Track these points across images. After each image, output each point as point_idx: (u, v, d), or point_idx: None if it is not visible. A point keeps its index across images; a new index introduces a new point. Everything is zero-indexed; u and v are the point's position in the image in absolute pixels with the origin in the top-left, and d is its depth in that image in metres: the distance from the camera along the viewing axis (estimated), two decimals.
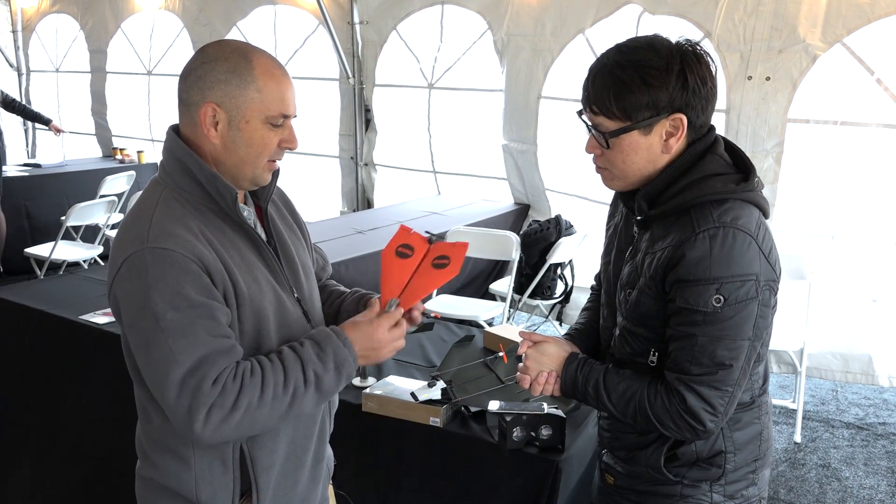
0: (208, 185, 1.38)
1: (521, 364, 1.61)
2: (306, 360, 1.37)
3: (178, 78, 1.41)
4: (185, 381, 1.27)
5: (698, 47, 1.41)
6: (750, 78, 4.03)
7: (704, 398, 1.39)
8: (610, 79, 1.39)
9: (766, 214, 1.45)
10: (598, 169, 1.51)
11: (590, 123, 1.45)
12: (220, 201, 1.39)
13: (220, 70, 1.35)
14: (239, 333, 1.38)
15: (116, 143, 8.01)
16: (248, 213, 1.50)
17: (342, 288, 1.77)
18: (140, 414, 1.51)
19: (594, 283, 1.83)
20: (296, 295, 1.52)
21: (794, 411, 3.87)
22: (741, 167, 1.47)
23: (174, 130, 1.44)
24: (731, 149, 1.50)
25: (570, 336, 1.73)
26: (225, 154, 1.39)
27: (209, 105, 1.35)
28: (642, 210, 1.47)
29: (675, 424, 1.42)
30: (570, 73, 4.99)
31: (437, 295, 4.43)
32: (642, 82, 1.36)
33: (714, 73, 1.42)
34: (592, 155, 1.50)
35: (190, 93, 1.38)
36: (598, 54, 1.45)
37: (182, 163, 1.39)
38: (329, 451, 1.69)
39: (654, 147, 1.42)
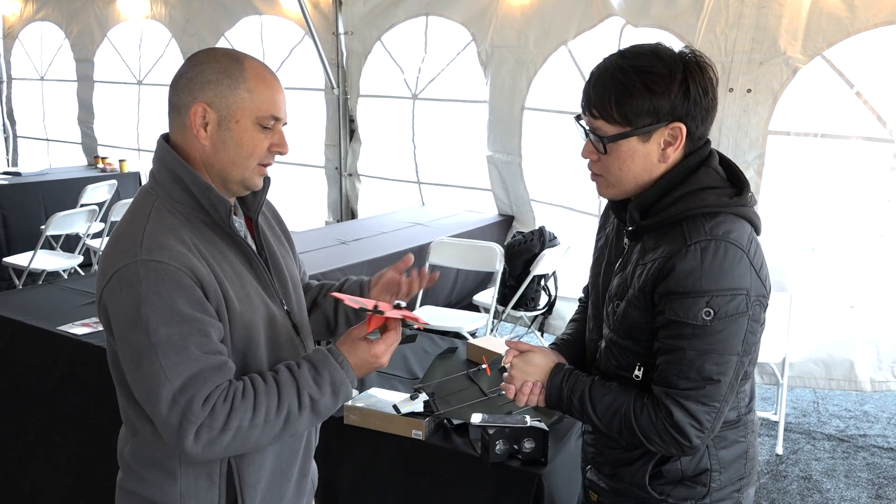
0: (201, 197, 1.37)
1: (506, 374, 1.59)
2: (302, 384, 1.36)
3: (167, 88, 1.40)
4: (175, 399, 1.26)
5: (701, 58, 1.40)
6: (731, 90, 4.06)
7: (691, 413, 1.38)
8: (612, 83, 1.38)
9: (757, 230, 1.44)
10: (594, 176, 1.50)
11: (588, 128, 1.44)
12: (212, 213, 1.38)
13: (211, 71, 1.35)
14: (229, 348, 1.37)
15: (102, 152, 7.96)
16: (239, 224, 1.48)
17: (332, 281, 1.77)
18: (126, 426, 1.49)
19: (582, 295, 1.81)
20: (285, 307, 1.52)
21: (776, 423, 3.88)
22: (735, 181, 1.46)
23: (164, 139, 1.42)
24: (726, 163, 1.49)
25: (556, 346, 1.71)
26: (214, 155, 1.37)
27: (199, 104, 1.34)
28: (634, 220, 1.46)
29: (661, 439, 1.41)
30: (552, 84, 5.02)
31: (420, 306, 4.42)
32: (645, 88, 1.35)
33: (715, 85, 1.41)
34: (588, 161, 1.48)
35: (180, 96, 1.37)
36: (580, 66, 1.44)
37: (174, 173, 1.38)
38: (314, 465, 1.68)
39: (651, 155, 1.41)
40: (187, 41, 7.01)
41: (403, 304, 1.52)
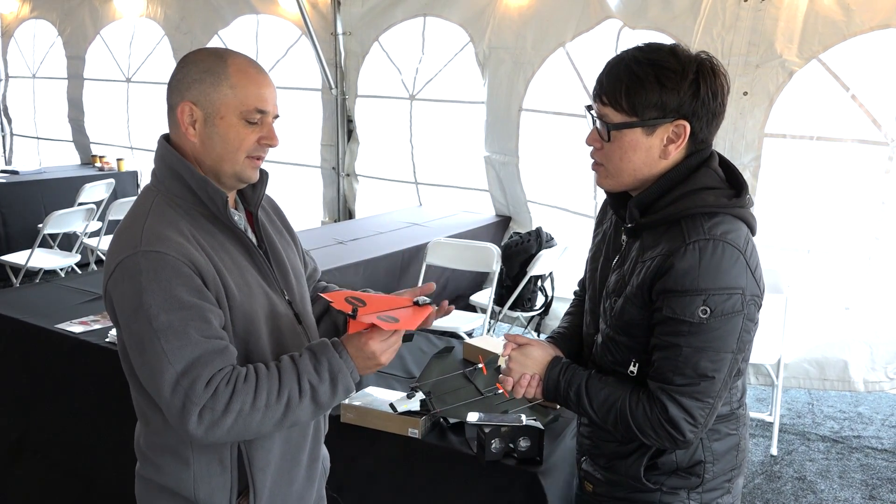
0: (199, 190, 1.42)
1: (504, 366, 1.62)
2: (302, 371, 1.39)
3: (157, 86, 1.44)
4: (178, 382, 1.30)
5: (717, 65, 1.43)
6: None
7: (686, 408, 1.41)
8: (625, 72, 1.41)
9: (753, 232, 1.47)
10: (595, 165, 1.53)
11: (596, 115, 1.47)
12: (210, 205, 1.42)
13: (196, 70, 1.41)
14: (231, 336, 1.41)
15: (94, 150, 7.94)
16: (239, 217, 1.53)
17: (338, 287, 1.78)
18: (139, 416, 1.54)
19: (577, 288, 1.83)
20: (287, 298, 1.55)
21: (771, 424, 3.90)
22: (734, 183, 1.49)
23: (165, 139, 1.48)
24: (725, 164, 1.52)
25: (553, 339, 1.73)
26: (203, 152, 1.43)
27: (186, 104, 1.40)
28: (633, 218, 1.48)
29: (655, 433, 1.44)
30: (550, 86, 5.02)
31: None
32: (656, 81, 1.38)
33: (726, 92, 1.44)
34: (591, 150, 1.51)
35: (171, 97, 1.43)
36: (578, 68, 1.46)
37: (173, 169, 1.43)
38: (325, 451, 1.72)
39: (653, 150, 1.44)
40: (180, 39, 6.99)
41: (424, 300, 1.54)
